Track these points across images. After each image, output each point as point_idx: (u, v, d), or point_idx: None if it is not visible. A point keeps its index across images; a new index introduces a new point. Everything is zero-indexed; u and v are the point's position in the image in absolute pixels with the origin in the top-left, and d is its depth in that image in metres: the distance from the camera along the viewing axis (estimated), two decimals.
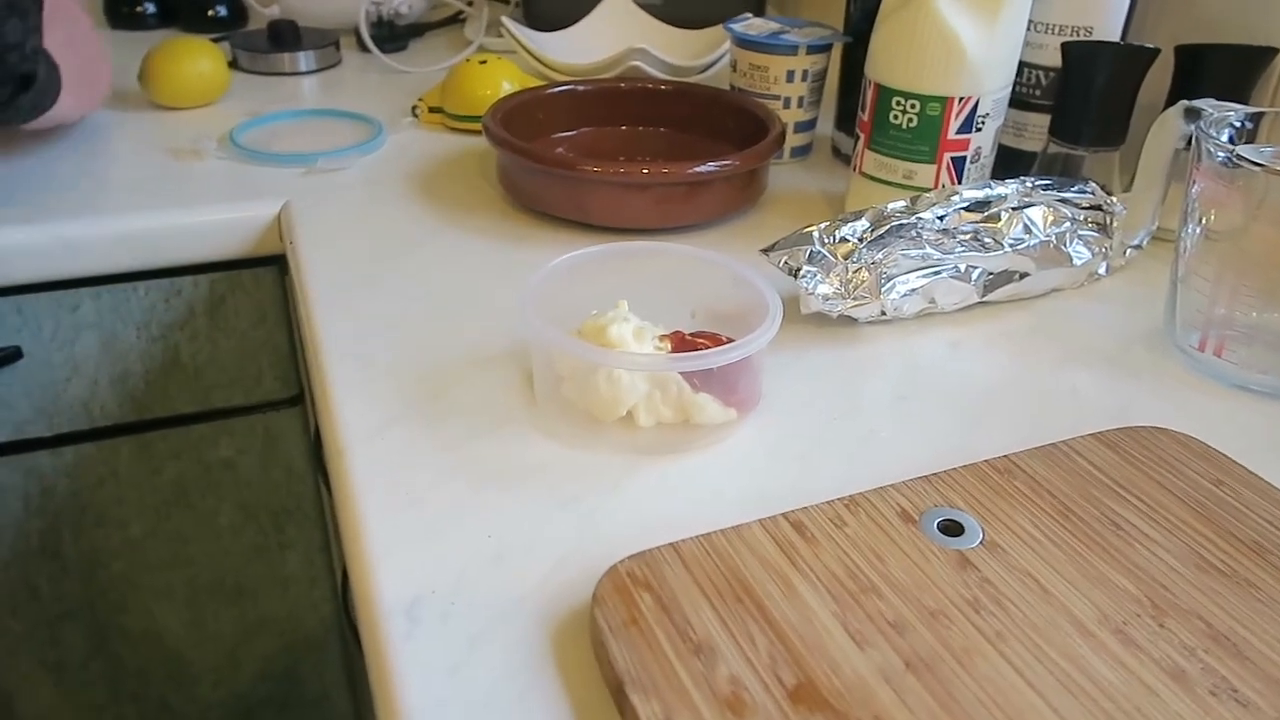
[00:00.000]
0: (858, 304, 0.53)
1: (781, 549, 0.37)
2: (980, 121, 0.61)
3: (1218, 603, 0.35)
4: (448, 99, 0.84)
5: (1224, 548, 0.38)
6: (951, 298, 0.55)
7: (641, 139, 0.77)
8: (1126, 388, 0.51)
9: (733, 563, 0.36)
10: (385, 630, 0.35)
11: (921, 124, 0.61)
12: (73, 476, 0.79)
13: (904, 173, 0.63)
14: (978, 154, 0.63)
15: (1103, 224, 0.59)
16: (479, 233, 0.66)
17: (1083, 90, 0.63)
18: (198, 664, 0.93)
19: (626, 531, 0.40)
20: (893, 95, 0.61)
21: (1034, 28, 0.67)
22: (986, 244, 0.55)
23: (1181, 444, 0.44)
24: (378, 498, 0.41)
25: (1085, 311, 0.59)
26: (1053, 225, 0.57)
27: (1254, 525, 0.39)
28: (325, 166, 0.75)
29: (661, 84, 0.80)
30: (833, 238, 0.53)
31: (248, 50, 1.00)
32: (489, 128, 0.67)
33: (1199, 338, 0.52)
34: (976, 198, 0.55)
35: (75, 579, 0.84)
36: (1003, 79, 0.61)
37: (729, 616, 0.34)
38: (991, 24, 0.59)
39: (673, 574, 0.35)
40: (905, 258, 0.53)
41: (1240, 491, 0.41)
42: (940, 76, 0.60)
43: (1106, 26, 0.66)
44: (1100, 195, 0.59)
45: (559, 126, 0.77)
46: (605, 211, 0.64)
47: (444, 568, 0.38)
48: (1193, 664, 0.32)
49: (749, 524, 0.38)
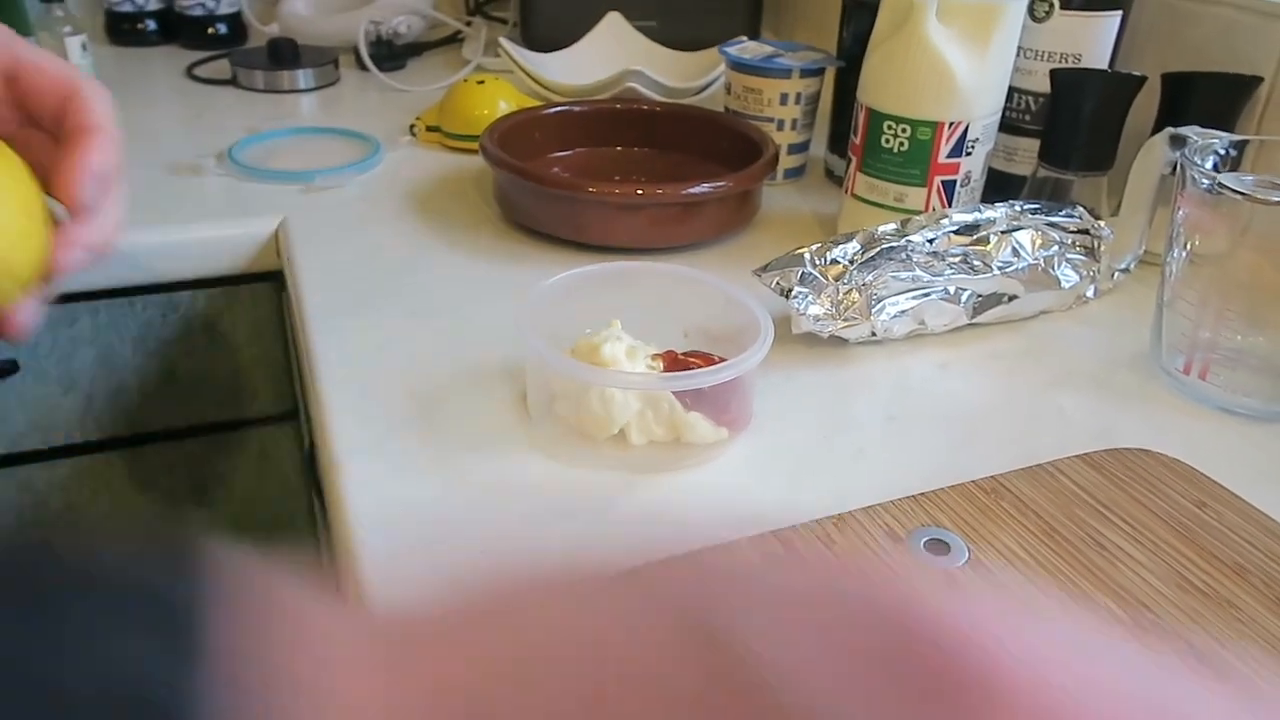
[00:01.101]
0: (848, 325, 0.54)
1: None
2: (970, 146, 0.62)
3: (1199, 623, 0.36)
4: (445, 118, 0.84)
5: (1205, 569, 0.38)
6: (941, 319, 0.56)
7: (637, 160, 0.78)
8: (1112, 410, 0.52)
9: None
10: None
11: (912, 148, 0.62)
12: (66, 490, 0.79)
13: (895, 195, 0.64)
14: (968, 178, 0.64)
15: (1090, 248, 0.60)
16: (475, 251, 0.66)
17: (1071, 116, 0.64)
18: None
19: (618, 548, 0.41)
20: (884, 119, 0.62)
21: (1024, 54, 0.68)
22: (976, 267, 0.56)
23: (1165, 466, 0.44)
24: (371, 512, 0.42)
25: (1073, 334, 0.59)
26: (1041, 249, 0.58)
27: (1235, 546, 0.39)
28: (323, 184, 0.76)
29: (656, 105, 0.81)
30: (824, 259, 0.54)
31: (247, 68, 1.00)
32: (486, 148, 0.68)
33: (1184, 361, 0.52)
34: (966, 221, 0.56)
35: None
36: (992, 105, 0.62)
37: None
38: (982, 52, 0.60)
39: None
40: (895, 280, 0.54)
41: (1222, 513, 0.41)
42: (931, 102, 0.60)
43: (1095, 54, 0.67)
44: (1088, 219, 0.59)
45: (555, 147, 0.78)
46: (601, 231, 0.65)
47: (440, 584, 0.38)
48: None
49: (737, 541, 0.38)
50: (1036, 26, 0.67)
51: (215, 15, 1.12)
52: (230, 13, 1.14)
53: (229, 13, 1.14)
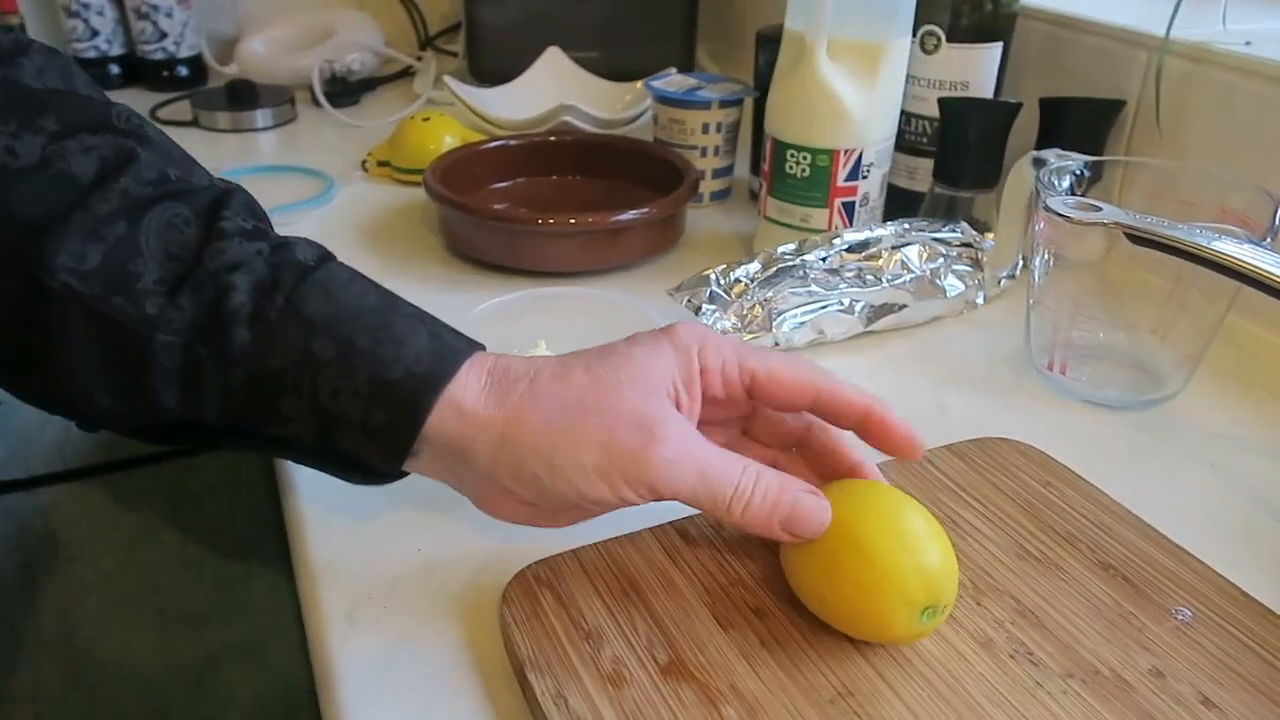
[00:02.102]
0: (753, 336, 0.60)
1: (666, 551, 0.43)
2: (866, 170, 0.69)
3: (1029, 584, 0.42)
4: (395, 153, 0.90)
5: (1042, 539, 0.44)
6: (838, 329, 0.62)
7: (572, 188, 0.84)
8: (989, 405, 0.58)
9: (623, 564, 0.42)
10: (327, 634, 0.42)
11: (813, 173, 0.68)
12: (47, 516, 0.84)
13: (801, 216, 0.70)
14: (866, 198, 0.70)
15: (976, 259, 0.67)
16: (419, 279, 0.72)
17: (958, 140, 0.70)
18: (170, 692, 0.98)
19: (542, 543, 0.46)
20: (787, 148, 0.69)
21: (917, 83, 0.75)
22: (868, 280, 0.62)
23: (1021, 453, 0.51)
24: (324, 519, 0.48)
25: (961, 338, 0.66)
26: (928, 261, 0.64)
27: (1071, 520, 0.46)
28: (281, 221, 0.81)
29: (589, 137, 0.87)
30: (728, 279, 0.60)
31: (208, 109, 1.06)
32: (429, 184, 0.74)
33: (1048, 358, 0.59)
34: (857, 240, 0.63)
35: (50, 613, 0.89)
36: (885, 132, 0.69)
37: (616, 609, 0.40)
38: (870, 85, 0.66)
39: (572, 575, 0.42)
40: (793, 294, 0.60)
41: (1065, 492, 0.48)
42: (827, 131, 0.67)
43: (980, 82, 0.74)
44: (970, 234, 0.66)
45: (496, 178, 0.84)
46: (535, 258, 0.71)
47: (379, 578, 0.44)
48: (999, 633, 0.39)
49: (641, 532, 0.44)
50: (926, 58, 0.74)
51: (176, 58, 1.18)
52: (191, 55, 1.19)
53: (190, 55, 1.19)
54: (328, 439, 0.38)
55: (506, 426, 0.37)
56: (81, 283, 0.35)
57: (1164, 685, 0.37)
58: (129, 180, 0.37)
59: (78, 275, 0.35)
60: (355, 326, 0.37)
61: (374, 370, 0.37)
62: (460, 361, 0.38)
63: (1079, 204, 0.47)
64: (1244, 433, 0.56)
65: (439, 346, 0.38)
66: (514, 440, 0.37)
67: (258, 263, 0.37)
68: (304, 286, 0.37)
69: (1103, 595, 0.41)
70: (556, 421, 0.37)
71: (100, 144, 0.38)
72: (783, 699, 0.36)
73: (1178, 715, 0.36)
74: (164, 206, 0.37)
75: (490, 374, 0.39)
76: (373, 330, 0.37)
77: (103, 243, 0.36)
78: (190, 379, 0.37)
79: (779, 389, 0.41)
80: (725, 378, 0.41)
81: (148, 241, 0.36)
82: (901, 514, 0.38)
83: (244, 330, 0.36)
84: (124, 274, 0.36)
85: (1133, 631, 0.39)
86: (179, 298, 0.36)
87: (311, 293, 0.37)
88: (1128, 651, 0.38)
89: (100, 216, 0.36)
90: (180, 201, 0.38)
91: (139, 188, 0.37)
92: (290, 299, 0.37)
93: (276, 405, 0.37)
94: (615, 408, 0.37)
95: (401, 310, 0.39)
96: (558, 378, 0.38)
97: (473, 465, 0.38)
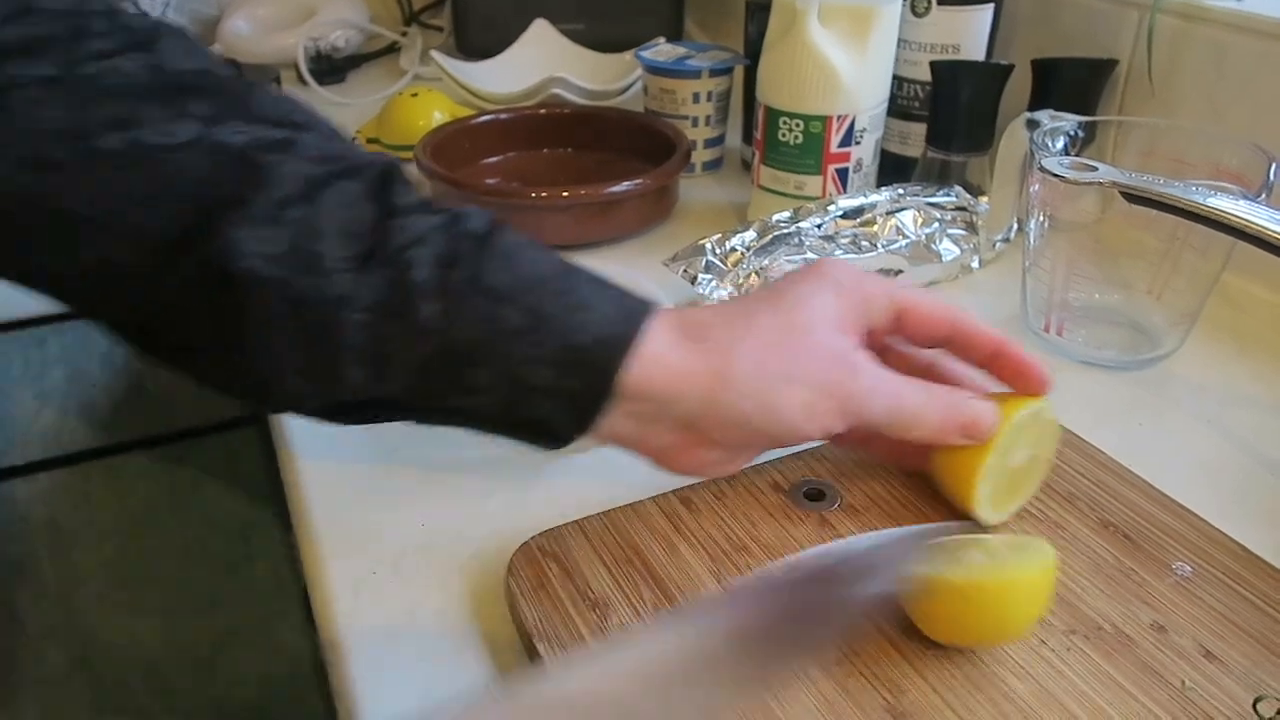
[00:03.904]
0: None
1: (669, 519, 0.43)
2: (859, 136, 0.68)
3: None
4: (383, 130, 0.90)
5: (1041, 498, 0.45)
6: None
7: (564, 160, 0.84)
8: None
9: (627, 533, 0.43)
10: (334, 607, 0.42)
11: (806, 140, 0.68)
12: (48, 502, 0.84)
13: (795, 184, 0.70)
14: (859, 164, 0.70)
15: (970, 223, 0.67)
16: None
17: (950, 103, 0.70)
18: (175, 675, 0.98)
19: (545, 514, 0.47)
20: (779, 115, 0.68)
21: (908, 47, 0.74)
22: (863, 246, 0.62)
23: None
24: (328, 494, 0.48)
25: (957, 301, 0.65)
26: (923, 226, 0.64)
27: (1069, 479, 0.46)
28: None
29: (579, 109, 0.87)
30: (724, 248, 0.60)
31: None
32: (420, 160, 0.73)
33: (1044, 320, 0.59)
34: (851, 206, 0.62)
35: (54, 599, 0.89)
36: (877, 97, 0.69)
37: (622, 577, 0.40)
38: (861, 50, 0.66)
39: (576, 545, 0.42)
40: (789, 262, 0.60)
41: (1063, 451, 0.48)
42: (819, 98, 0.67)
43: (972, 44, 0.74)
44: (964, 197, 0.66)
45: (487, 153, 0.83)
46: (529, 231, 0.70)
47: (384, 552, 0.44)
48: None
49: (644, 500, 0.44)
50: (918, 21, 0.73)
51: None
52: None
53: None
54: (515, 407, 0.38)
55: (714, 374, 0.38)
56: (271, 266, 0.35)
57: (1165, 639, 0.37)
58: (296, 161, 0.37)
59: (265, 259, 0.35)
60: (541, 294, 0.37)
61: (565, 336, 0.37)
62: (648, 319, 0.38)
63: (1074, 164, 0.47)
64: (1240, 389, 0.57)
65: (623, 306, 0.38)
66: (726, 385, 0.38)
67: (436, 236, 0.37)
68: (484, 257, 0.37)
69: (1103, 553, 0.41)
70: (766, 363, 0.38)
71: (255, 127, 0.37)
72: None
73: (1180, 668, 0.36)
74: (337, 185, 0.37)
75: (679, 328, 0.39)
76: (558, 296, 0.37)
77: (285, 226, 0.35)
78: (379, 356, 0.36)
79: (922, 321, 0.43)
80: (880, 310, 0.42)
81: (327, 221, 0.36)
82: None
83: (431, 303, 0.36)
84: (310, 255, 0.35)
85: (1134, 587, 0.40)
86: (364, 275, 0.36)
87: (493, 262, 0.37)
88: (1129, 607, 0.39)
89: (276, 199, 0.35)
90: (350, 179, 0.37)
91: (308, 167, 0.37)
92: (474, 270, 0.36)
93: (464, 377, 0.37)
94: (813, 346, 0.39)
95: (581, 274, 0.39)
96: (749, 323, 0.39)
97: (679, 416, 0.39)
